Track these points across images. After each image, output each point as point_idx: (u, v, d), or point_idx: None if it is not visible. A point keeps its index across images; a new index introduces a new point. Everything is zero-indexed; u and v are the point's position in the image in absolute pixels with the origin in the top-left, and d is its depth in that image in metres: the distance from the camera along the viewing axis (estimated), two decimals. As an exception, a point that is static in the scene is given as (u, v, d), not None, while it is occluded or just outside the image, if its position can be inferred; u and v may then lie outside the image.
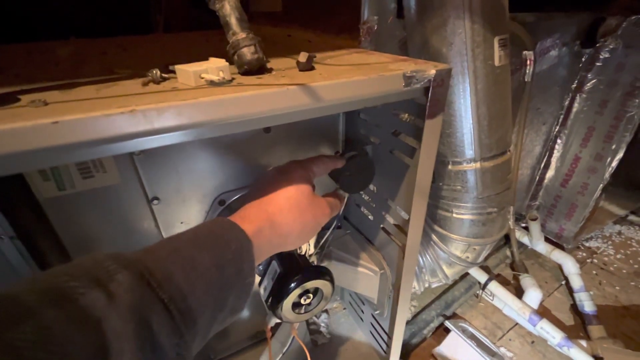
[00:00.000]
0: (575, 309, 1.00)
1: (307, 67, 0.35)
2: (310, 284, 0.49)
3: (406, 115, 0.47)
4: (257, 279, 0.53)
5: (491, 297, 0.98)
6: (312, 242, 0.62)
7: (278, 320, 0.52)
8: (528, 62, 0.74)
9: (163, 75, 0.32)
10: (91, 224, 0.48)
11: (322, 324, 0.82)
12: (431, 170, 0.44)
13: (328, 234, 0.62)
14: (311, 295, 0.50)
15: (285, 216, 0.37)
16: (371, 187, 0.60)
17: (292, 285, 0.47)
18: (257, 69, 0.34)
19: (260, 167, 0.57)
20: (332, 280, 0.51)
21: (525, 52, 0.74)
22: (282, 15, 0.84)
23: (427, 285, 0.65)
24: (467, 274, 1.04)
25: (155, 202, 0.51)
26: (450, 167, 0.53)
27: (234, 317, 0.31)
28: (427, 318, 0.92)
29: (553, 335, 0.82)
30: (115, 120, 0.23)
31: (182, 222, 0.55)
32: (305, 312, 0.51)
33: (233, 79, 0.32)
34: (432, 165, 0.44)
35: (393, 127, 0.50)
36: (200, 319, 0.25)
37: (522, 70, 0.77)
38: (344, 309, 0.86)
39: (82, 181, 0.45)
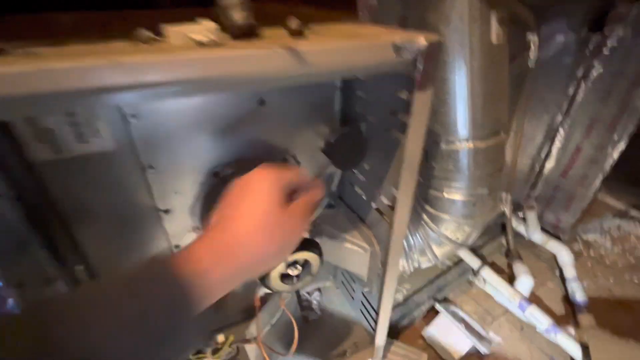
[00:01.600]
0: (567, 300, 1.00)
1: (297, 32, 0.35)
2: (299, 255, 0.50)
3: (402, 91, 0.47)
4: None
5: (483, 284, 0.99)
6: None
7: (267, 291, 0.53)
8: (532, 45, 0.73)
9: (152, 36, 0.33)
10: (86, 190, 0.49)
11: (314, 301, 0.84)
12: (421, 145, 0.44)
13: (317, 212, 0.63)
14: (300, 267, 0.51)
15: (249, 242, 0.31)
16: (366, 166, 0.60)
17: (281, 255, 0.48)
18: (247, 32, 0.34)
19: (254, 141, 0.58)
20: (320, 253, 0.52)
21: (528, 35, 0.72)
22: (285, -8, 0.83)
23: (416, 265, 0.66)
24: (461, 260, 1.05)
25: (150, 170, 0.51)
26: (443, 146, 0.53)
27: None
28: (418, 300, 0.93)
29: (541, 321, 0.83)
30: (101, 70, 0.23)
31: (176, 192, 0.56)
32: (294, 283, 0.52)
33: (222, 42, 0.32)
34: (422, 139, 0.44)
35: (389, 105, 0.50)
36: None
37: (525, 55, 0.75)
38: (337, 288, 0.88)
39: (77, 145, 0.45)
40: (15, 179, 0.39)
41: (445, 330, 0.85)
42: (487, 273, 0.96)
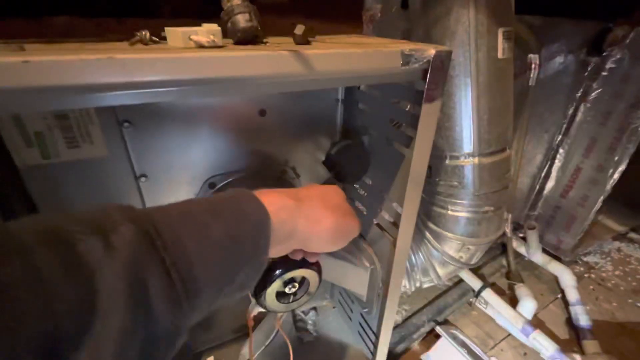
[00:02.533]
0: (570, 322, 0.97)
1: (303, 40, 0.34)
2: (297, 273, 0.47)
3: (406, 104, 0.46)
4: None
5: (484, 306, 0.96)
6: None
7: (261, 309, 0.50)
8: (533, 65, 0.73)
9: (153, 38, 0.31)
10: (75, 198, 0.47)
11: (310, 322, 0.80)
12: (427, 160, 0.43)
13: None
14: (297, 285, 0.48)
15: (317, 205, 0.33)
16: (367, 180, 0.58)
17: (278, 272, 0.46)
18: (251, 38, 0.33)
19: (254, 152, 0.56)
20: (319, 271, 0.50)
21: (530, 56, 0.73)
22: (288, 6, 0.83)
23: (418, 284, 0.64)
24: (461, 280, 1.02)
25: (142, 179, 0.49)
26: (447, 161, 0.51)
27: (242, 294, 0.28)
28: (417, 322, 0.90)
29: (546, 347, 0.79)
30: (91, 66, 0.22)
31: (169, 203, 0.53)
32: (290, 302, 0.49)
33: (224, 45, 0.31)
34: (428, 154, 0.42)
35: (392, 118, 0.48)
36: (204, 291, 0.23)
37: (527, 74, 0.76)
38: (334, 307, 0.84)
39: (67, 150, 0.43)
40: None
41: (446, 355, 0.81)
42: (489, 295, 0.93)
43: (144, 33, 0.30)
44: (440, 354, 0.81)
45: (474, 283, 0.97)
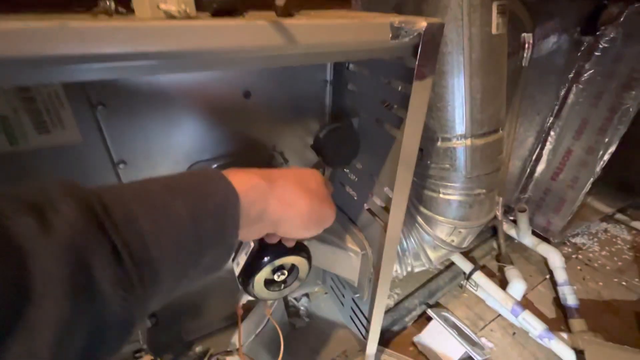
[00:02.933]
0: (558, 302, 0.99)
1: (285, 12, 0.32)
2: (285, 260, 0.46)
3: (397, 84, 0.44)
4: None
5: (475, 288, 0.97)
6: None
7: (250, 298, 0.49)
8: (526, 45, 0.71)
9: (119, 8, 0.29)
10: (49, 186, 0.44)
11: (302, 307, 0.80)
12: (417, 141, 0.41)
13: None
14: (286, 272, 0.47)
15: (291, 186, 0.32)
16: (357, 164, 0.57)
17: (266, 259, 0.44)
18: (229, 10, 0.31)
19: (239, 136, 0.54)
20: (309, 257, 0.48)
21: (524, 35, 0.71)
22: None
23: (409, 269, 0.63)
24: (452, 263, 1.03)
25: (121, 165, 0.47)
26: (439, 143, 0.50)
27: (209, 275, 0.27)
28: (409, 306, 0.90)
29: (534, 326, 0.81)
30: (42, 34, 0.19)
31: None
32: (280, 290, 0.48)
33: (198, 17, 0.28)
34: (419, 135, 0.41)
35: (382, 98, 0.47)
36: (164, 274, 0.22)
37: (520, 54, 0.74)
38: (326, 293, 0.84)
39: (37, 136, 0.41)
40: None
41: (438, 337, 0.82)
42: (479, 277, 0.94)
43: (108, 2, 0.27)
44: (432, 336, 0.82)
45: (465, 266, 0.98)
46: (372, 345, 0.67)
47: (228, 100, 0.50)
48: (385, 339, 0.86)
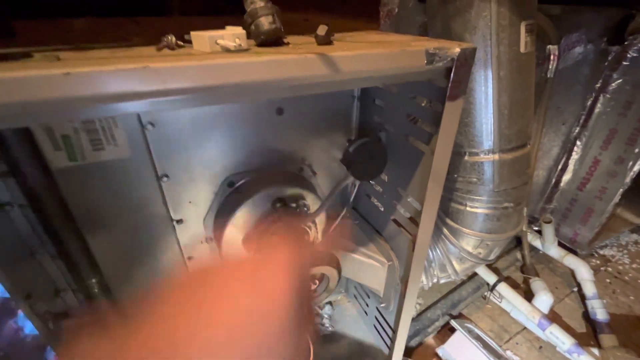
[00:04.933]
0: (586, 316, 0.96)
1: (326, 40, 0.34)
2: (317, 269, 0.48)
3: (424, 100, 0.45)
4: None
5: (499, 299, 0.96)
6: (320, 229, 0.61)
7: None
8: (552, 57, 0.72)
9: (178, 42, 0.32)
10: (100, 198, 0.48)
11: (325, 315, 0.81)
12: (448, 157, 0.43)
13: (335, 224, 0.61)
14: (317, 282, 0.49)
15: None
16: (384, 177, 0.58)
17: (299, 269, 0.46)
18: (274, 40, 0.33)
19: (271, 150, 0.56)
20: (339, 268, 0.50)
21: (549, 47, 0.71)
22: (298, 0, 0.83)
23: (435, 280, 0.64)
24: (475, 274, 1.02)
25: (164, 179, 0.50)
26: (466, 157, 0.51)
27: None
28: (432, 316, 0.90)
29: (563, 340, 0.79)
30: (128, 75, 0.22)
31: (190, 202, 0.54)
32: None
33: (249, 48, 0.31)
34: (450, 151, 0.42)
35: (409, 114, 0.48)
36: None
37: (545, 66, 0.74)
38: (349, 301, 0.85)
39: (92, 153, 0.44)
40: (31, 186, 0.38)
41: (461, 349, 0.81)
42: (504, 289, 0.93)
43: (169, 38, 0.30)
44: (456, 347, 0.82)
45: (489, 277, 0.97)
46: (397, 355, 0.67)
47: (262, 117, 0.53)
48: (408, 349, 0.86)
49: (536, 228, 1.17)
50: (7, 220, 0.43)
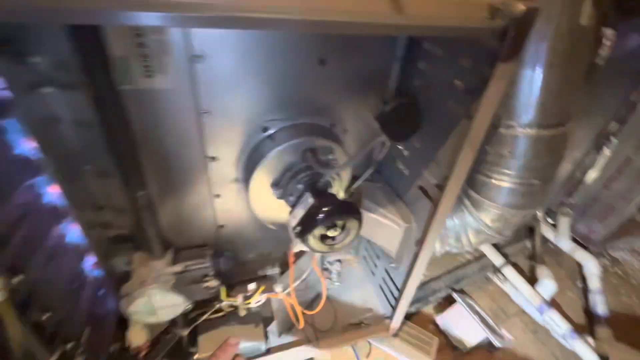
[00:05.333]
0: (586, 310, 0.98)
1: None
2: (340, 219, 0.51)
3: (469, 64, 0.45)
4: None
5: (502, 282, 0.98)
6: (343, 186, 0.63)
7: (302, 248, 0.54)
8: (606, 41, 0.68)
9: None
10: (149, 124, 0.50)
11: (334, 271, 0.85)
12: (487, 124, 0.43)
13: (359, 181, 0.63)
14: (339, 230, 0.52)
15: None
16: (415, 142, 0.59)
17: (324, 217, 0.49)
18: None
19: (308, 101, 0.57)
20: (360, 220, 0.52)
21: (604, 29, 0.67)
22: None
23: (448, 249, 0.66)
24: (483, 255, 1.04)
25: (205, 114, 0.52)
26: (501, 129, 0.51)
27: None
28: (435, 287, 0.94)
29: (559, 325, 0.82)
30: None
31: (225, 141, 0.56)
32: (329, 245, 0.53)
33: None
34: (490, 118, 0.42)
35: (452, 78, 0.48)
36: None
37: (596, 51, 0.71)
38: (357, 262, 0.89)
39: (142, 79, 0.46)
40: (102, 97, 0.39)
41: (460, 319, 0.85)
42: (509, 271, 0.95)
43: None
44: (454, 318, 0.85)
45: (496, 259, 0.99)
46: (399, 314, 0.71)
47: (305, 65, 0.53)
48: (407, 315, 0.90)
49: (550, 221, 1.16)
50: (61, 134, 0.46)
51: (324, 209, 0.49)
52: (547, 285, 0.92)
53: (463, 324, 0.84)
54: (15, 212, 0.41)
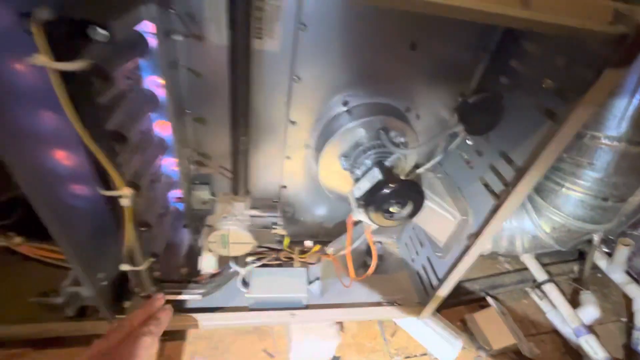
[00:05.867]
0: (627, 347, 0.94)
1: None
2: (405, 197, 0.54)
3: (565, 62, 0.44)
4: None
5: (540, 298, 0.96)
6: (405, 170, 0.65)
7: (360, 218, 0.58)
8: None
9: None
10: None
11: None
12: (576, 130, 0.43)
13: (424, 167, 0.65)
14: (400, 207, 0.55)
15: None
16: (490, 137, 0.59)
17: (391, 192, 0.52)
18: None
19: (389, 82, 0.59)
20: (422, 201, 0.55)
21: None
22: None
23: (497, 249, 0.67)
24: (524, 268, 1.02)
25: (296, 79, 0.56)
26: (585, 139, 0.50)
27: None
28: (469, 287, 0.94)
29: (597, 351, 0.80)
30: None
31: (308, 108, 0.60)
32: (389, 220, 0.56)
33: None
34: (581, 125, 0.42)
35: (542, 76, 0.47)
36: None
37: None
38: (398, 248, 0.92)
39: (252, 40, 0.51)
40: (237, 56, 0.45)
41: (490, 321, 0.86)
42: (551, 288, 0.93)
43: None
44: (484, 319, 0.86)
45: (539, 274, 0.97)
46: (434, 302, 0.74)
47: (396, 47, 0.55)
48: (438, 307, 0.92)
49: (605, 249, 1.10)
50: (178, 78, 0.53)
51: (391, 185, 0.52)
52: (590, 312, 0.90)
53: (492, 327, 0.85)
54: (138, 137, 0.49)
